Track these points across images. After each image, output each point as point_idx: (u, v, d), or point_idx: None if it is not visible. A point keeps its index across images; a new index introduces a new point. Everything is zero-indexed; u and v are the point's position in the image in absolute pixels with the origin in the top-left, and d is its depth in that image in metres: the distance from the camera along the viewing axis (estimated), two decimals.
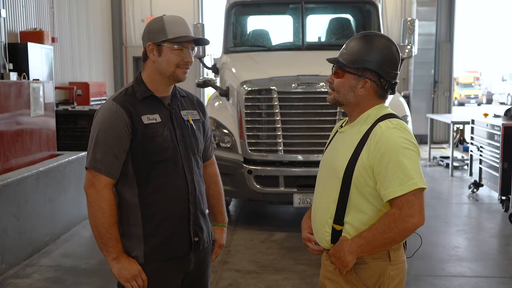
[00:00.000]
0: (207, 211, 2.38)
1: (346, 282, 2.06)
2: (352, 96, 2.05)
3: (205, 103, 8.10)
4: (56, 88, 8.97)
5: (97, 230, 2.12)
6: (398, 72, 2.09)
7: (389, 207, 1.97)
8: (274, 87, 5.55)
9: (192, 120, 2.28)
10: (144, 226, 2.16)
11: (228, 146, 5.76)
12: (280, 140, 5.56)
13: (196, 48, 2.24)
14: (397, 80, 2.11)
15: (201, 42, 2.23)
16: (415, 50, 6.24)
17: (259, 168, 5.63)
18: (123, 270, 2.12)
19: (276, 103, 5.54)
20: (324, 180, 2.13)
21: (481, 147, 7.45)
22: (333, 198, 2.04)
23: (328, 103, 2.19)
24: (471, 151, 8.15)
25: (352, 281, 2.05)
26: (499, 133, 6.67)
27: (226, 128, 5.81)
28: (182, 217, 2.21)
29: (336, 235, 2.04)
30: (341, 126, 2.21)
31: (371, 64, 2.00)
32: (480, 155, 7.47)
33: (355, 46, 2.04)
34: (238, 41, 7.09)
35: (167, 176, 2.17)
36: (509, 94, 31.80)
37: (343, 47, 2.09)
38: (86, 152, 2.21)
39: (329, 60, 2.08)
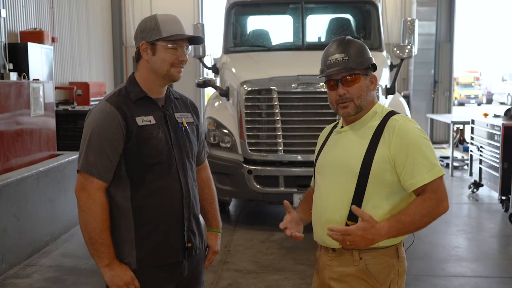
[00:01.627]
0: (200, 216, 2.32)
1: (357, 281, 2.06)
2: (370, 95, 2.12)
3: (205, 103, 8.11)
4: (56, 88, 8.97)
5: (88, 235, 2.04)
6: None
7: (406, 201, 2.03)
8: (274, 87, 5.55)
9: (186, 122, 2.23)
10: (136, 231, 2.10)
11: (228, 146, 5.76)
12: (280, 140, 5.56)
13: (190, 47, 2.20)
14: None
15: (196, 40, 2.18)
16: (415, 50, 6.23)
17: (259, 168, 5.63)
18: (115, 277, 2.06)
19: (276, 103, 5.54)
20: (332, 180, 2.12)
21: (481, 147, 7.45)
22: (347, 195, 2.05)
23: (328, 103, 2.20)
24: (471, 151, 8.15)
25: (365, 279, 2.05)
26: (499, 133, 6.67)
27: (226, 128, 5.81)
28: (175, 222, 2.15)
29: None
30: (341, 127, 2.21)
31: (371, 59, 2.13)
32: (480, 155, 7.47)
33: (352, 49, 2.09)
34: (238, 41, 7.09)
35: (161, 179, 2.11)
36: (509, 94, 31.78)
37: (342, 55, 2.07)
38: None
39: (345, 68, 2.06)
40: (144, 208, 2.11)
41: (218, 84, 6.56)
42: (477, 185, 7.64)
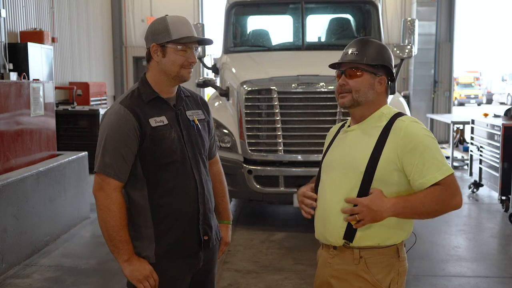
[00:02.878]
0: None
1: (358, 280, 2.07)
2: (371, 93, 2.13)
3: None
4: (56, 88, 8.98)
5: (107, 233, 2.14)
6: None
7: None
8: (274, 87, 5.55)
9: (197, 120, 2.30)
10: (155, 227, 2.19)
11: (228, 146, 5.76)
12: (280, 140, 5.56)
13: (199, 48, 2.26)
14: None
15: (205, 42, 2.26)
16: (415, 50, 6.23)
17: (259, 168, 5.63)
18: (135, 272, 2.15)
19: (276, 103, 5.54)
20: (336, 178, 2.13)
21: (481, 147, 7.45)
22: (351, 194, 2.06)
23: (328, 103, 2.22)
24: (471, 151, 8.16)
25: (365, 277, 2.06)
26: (499, 133, 6.67)
27: (226, 128, 5.81)
28: (192, 217, 2.24)
29: (351, 230, 2.06)
30: (348, 126, 2.23)
31: (387, 62, 2.14)
32: (480, 155, 7.47)
33: (365, 46, 2.13)
34: (238, 41, 7.09)
35: (176, 177, 2.19)
36: (509, 94, 31.78)
37: (353, 50, 2.12)
38: (86, 152, 2.22)
39: (352, 61, 2.11)
40: (162, 206, 2.19)
41: (218, 84, 6.56)
42: (477, 185, 7.64)
